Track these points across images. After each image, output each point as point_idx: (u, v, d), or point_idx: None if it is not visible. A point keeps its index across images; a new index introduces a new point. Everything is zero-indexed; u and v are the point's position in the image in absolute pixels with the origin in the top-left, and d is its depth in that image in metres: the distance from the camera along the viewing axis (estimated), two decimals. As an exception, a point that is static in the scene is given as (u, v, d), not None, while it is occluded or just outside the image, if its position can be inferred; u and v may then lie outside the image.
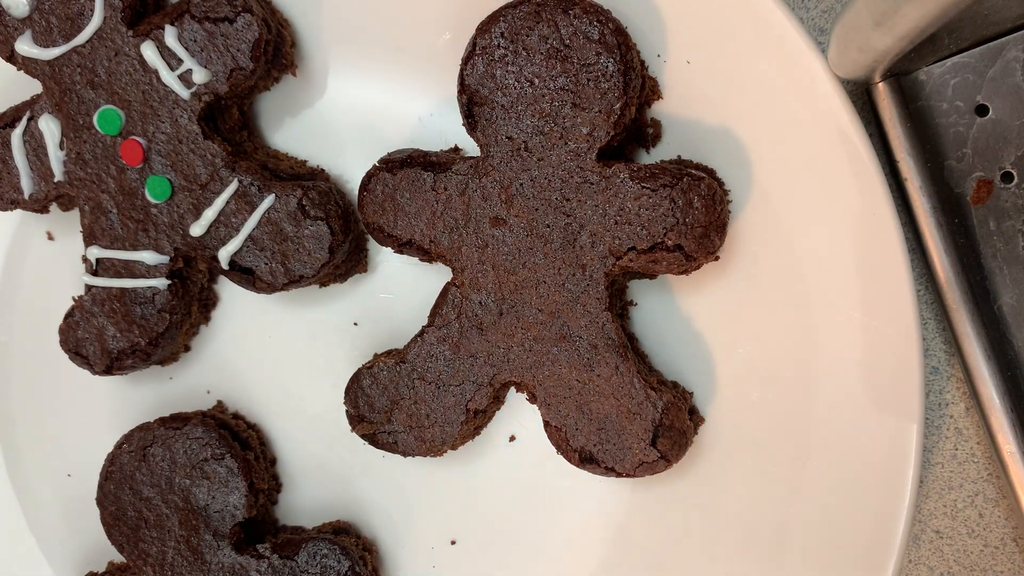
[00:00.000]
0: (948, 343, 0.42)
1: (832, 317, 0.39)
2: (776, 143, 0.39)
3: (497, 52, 0.38)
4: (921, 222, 0.40)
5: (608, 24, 0.37)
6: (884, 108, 0.40)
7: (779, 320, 0.40)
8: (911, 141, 0.40)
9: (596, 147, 0.38)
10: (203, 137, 0.40)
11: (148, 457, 0.42)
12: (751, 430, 0.41)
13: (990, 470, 0.43)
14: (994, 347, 0.40)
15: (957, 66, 0.40)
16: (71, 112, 0.41)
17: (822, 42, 0.42)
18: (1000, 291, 0.40)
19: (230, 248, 0.40)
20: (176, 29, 0.40)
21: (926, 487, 0.43)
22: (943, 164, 0.40)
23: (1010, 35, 0.39)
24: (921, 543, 0.43)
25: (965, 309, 0.40)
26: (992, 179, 0.40)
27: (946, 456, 0.43)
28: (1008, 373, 0.40)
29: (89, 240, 0.42)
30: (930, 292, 0.42)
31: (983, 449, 0.42)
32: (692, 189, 0.37)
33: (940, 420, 0.43)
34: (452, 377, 0.40)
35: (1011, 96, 0.39)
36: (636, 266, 0.38)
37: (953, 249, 0.40)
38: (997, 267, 0.40)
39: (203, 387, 0.46)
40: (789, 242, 0.39)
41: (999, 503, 0.43)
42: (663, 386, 0.39)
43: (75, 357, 0.43)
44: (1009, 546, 0.43)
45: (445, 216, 0.39)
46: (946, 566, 0.43)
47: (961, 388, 0.42)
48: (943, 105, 0.40)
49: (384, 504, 0.44)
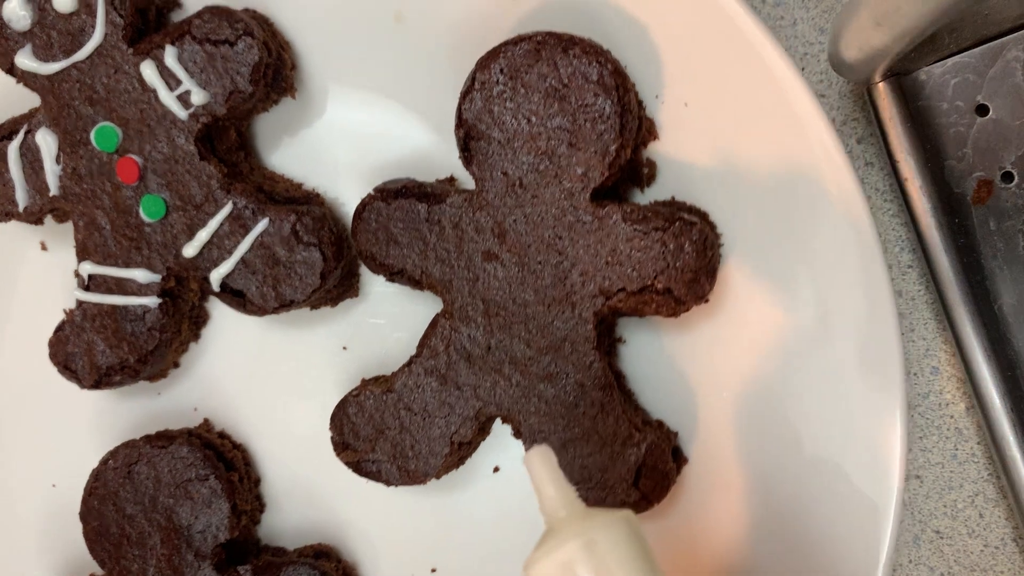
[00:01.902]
0: (948, 343, 0.42)
1: (818, 365, 0.39)
2: (770, 188, 0.39)
3: (496, 88, 0.38)
4: (921, 222, 0.40)
5: (607, 65, 0.37)
6: (884, 108, 0.40)
7: (766, 365, 0.40)
8: (911, 141, 0.40)
9: (590, 187, 0.38)
10: (199, 158, 0.40)
11: (133, 474, 0.42)
12: (734, 473, 0.41)
13: (990, 470, 0.43)
14: (995, 347, 0.40)
15: (957, 66, 0.39)
16: (69, 127, 0.41)
17: (821, 42, 0.42)
18: (1000, 291, 0.40)
19: (222, 270, 0.41)
20: (176, 49, 0.40)
21: (926, 487, 0.43)
22: (943, 164, 0.40)
23: (1010, 35, 0.39)
24: (921, 543, 0.43)
25: (965, 309, 0.40)
26: (992, 179, 0.40)
27: (946, 456, 0.43)
28: (1008, 373, 0.40)
29: (82, 255, 0.42)
30: (930, 292, 0.42)
31: (983, 449, 0.43)
32: (683, 234, 0.37)
33: (940, 420, 0.43)
34: (438, 409, 0.40)
35: (1011, 96, 0.39)
36: (625, 307, 0.38)
37: (953, 249, 0.40)
38: (997, 267, 0.40)
39: (190, 404, 0.46)
40: (780, 286, 0.39)
41: (999, 503, 0.43)
42: (648, 426, 0.40)
43: (64, 371, 0.43)
44: (1009, 546, 0.43)
45: (438, 248, 0.39)
46: (946, 566, 0.43)
47: (961, 388, 0.42)
48: (943, 105, 0.40)
49: (366, 529, 0.44)
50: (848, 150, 0.42)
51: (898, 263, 0.42)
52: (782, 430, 0.40)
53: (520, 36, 0.38)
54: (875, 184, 0.42)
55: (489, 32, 0.40)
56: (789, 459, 0.40)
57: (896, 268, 0.42)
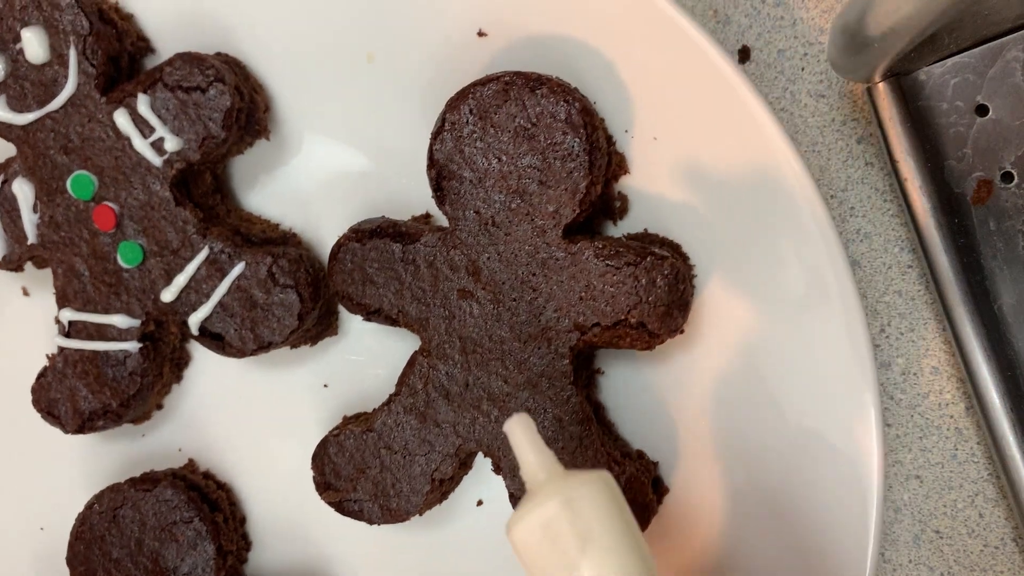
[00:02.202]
0: (948, 343, 0.42)
1: (794, 391, 0.40)
2: (742, 217, 0.39)
3: (466, 128, 0.38)
4: (921, 222, 0.40)
5: (574, 104, 0.37)
6: (884, 108, 0.40)
7: (744, 392, 0.40)
8: (911, 141, 0.39)
9: (562, 224, 0.38)
10: (175, 204, 0.41)
11: (118, 518, 0.43)
12: (715, 501, 0.41)
13: (990, 470, 0.43)
14: (994, 347, 0.40)
15: (957, 66, 0.39)
16: (45, 176, 0.41)
17: (821, 42, 0.42)
18: (1000, 291, 0.40)
19: (200, 314, 0.41)
20: (149, 97, 0.40)
21: (926, 487, 0.43)
22: (943, 164, 0.40)
23: (1010, 35, 0.39)
24: (921, 543, 0.44)
25: (965, 309, 0.40)
26: (992, 179, 0.40)
27: (946, 456, 0.43)
28: (1008, 373, 0.40)
29: (62, 302, 0.42)
30: (930, 292, 0.42)
31: (983, 449, 0.43)
32: (655, 268, 0.37)
33: (940, 420, 0.43)
34: (418, 447, 0.40)
35: (1011, 96, 0.39)
36: (600, 341, 0.38)
37: (953, 249, 0.40)
38: (997, 267, 0.40)
39: (175, 445, 0.46)
40: (753, 315, 0.40)
41: (999, 503, 0.43)
42: (627, 458, 0.40)
43: (47, 416, 0.43)
44: (1009, 546, 0.43)
45: (413, 287, 0.39)
46: (946, 566, 0.44)
47: (961, 388, 0.42)
48: (943, 105, 0.40)
49: (352, 563, 0.45)
50: (848, 150, 0.42)
51: (898, 263, 0.43)
52: (764, 454, 0.40)
53: (488, 76, 0.38)
54: (875, 184, 0.42)
55: (460, 70, 0.41)
56: (772, 487, 0.40)
57: (896, 268, 0.42)
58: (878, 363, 0.43)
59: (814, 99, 0.42)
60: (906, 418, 0.43)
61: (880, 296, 0.43)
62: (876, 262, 0.43)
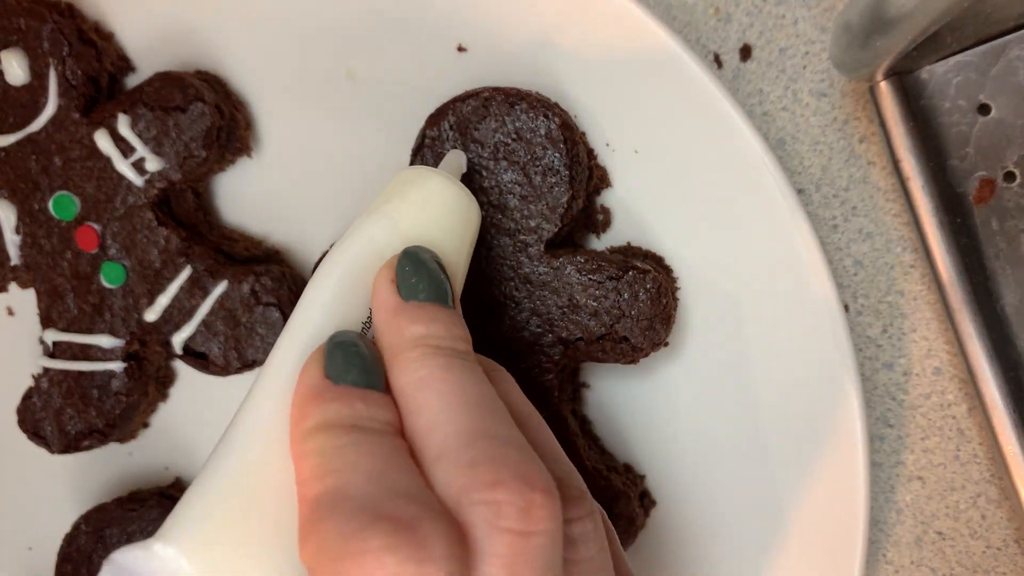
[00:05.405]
0: (951, 343, 0.42)
1: (780, 402, 0.40)
2: (723, 230, 0.39)
3: (446, 145, 0.38)
4: (923, 222, 0.40)
5: (555, 119, 0.37)
6: (886, 107, 0.39)
7: (730, 404, 0.40)
8: (913, 140, 0.39)
9: (544, 239, 0.38)
10: (157, 223, 0.41)
11: (105, 538, 0.43)
12: (703, 515, 0.41)
13: (993, 471, 0.43)
14: (997, 347, 0.39)
15: (960, 65, 0.39)
16: (26, 198, 0.41)
17: (823, 40, 0.42)
18: (1003, 291, 0.40)
19: (184, 334, 0.41)
20: (129, 117, 0.40)
21: (928, 488, 0.43)
22: (945, 163, 0.40)
23: (1013, 34, 0.39)
24: (923, 544, 0.43)
25: (968, 309, 0.39)
26: (995, 178, 0.40)
27: (948, 457, 0.43)
28: (1011, 374, 0.40)
29: (46, 323, 0.42)
30: (932, 292, 0.42)
31: (986, 450, 0.42)
32: (637, 282, 0.37)
33: (943, 421, 0.43)
34: (404, 463, 0.40)
35: (1014, 95, 0.39)
36: (584, 355, 0.38)
37: (955, 249, 0.39)
38: (1000, 267, 0.40)
39: (161, 463, 0.46)
40: (738, 326, 0.40)
41: (1002, 504, 0.43)
42: (614, 472, 0.40)
43: (33, 437, 0.43)
44: (1012, 547, 0.43)
45: (396, 304, 0.39)
46: (948, 568, 0.43)
47: (964, 389, 0.42)
48: (945, 104, 0.39)
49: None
50: (850, 149, 0.42)
51: (900, 263, 0.42)
52: (751, 465, 0.40)
53: (468, 92, 0.38)
54: (877, 183, 0.42)
55: (441, 86, 0.41)
56: (761, 499, 0.40)
57: (898, 268, 0.42)
58: (879, 364, 0.43)
59: (816, 98, 0.42)
60: (908, 419, 0.43)
61: (882, 296, 0.43)
62: (878, 262, 0.42)
